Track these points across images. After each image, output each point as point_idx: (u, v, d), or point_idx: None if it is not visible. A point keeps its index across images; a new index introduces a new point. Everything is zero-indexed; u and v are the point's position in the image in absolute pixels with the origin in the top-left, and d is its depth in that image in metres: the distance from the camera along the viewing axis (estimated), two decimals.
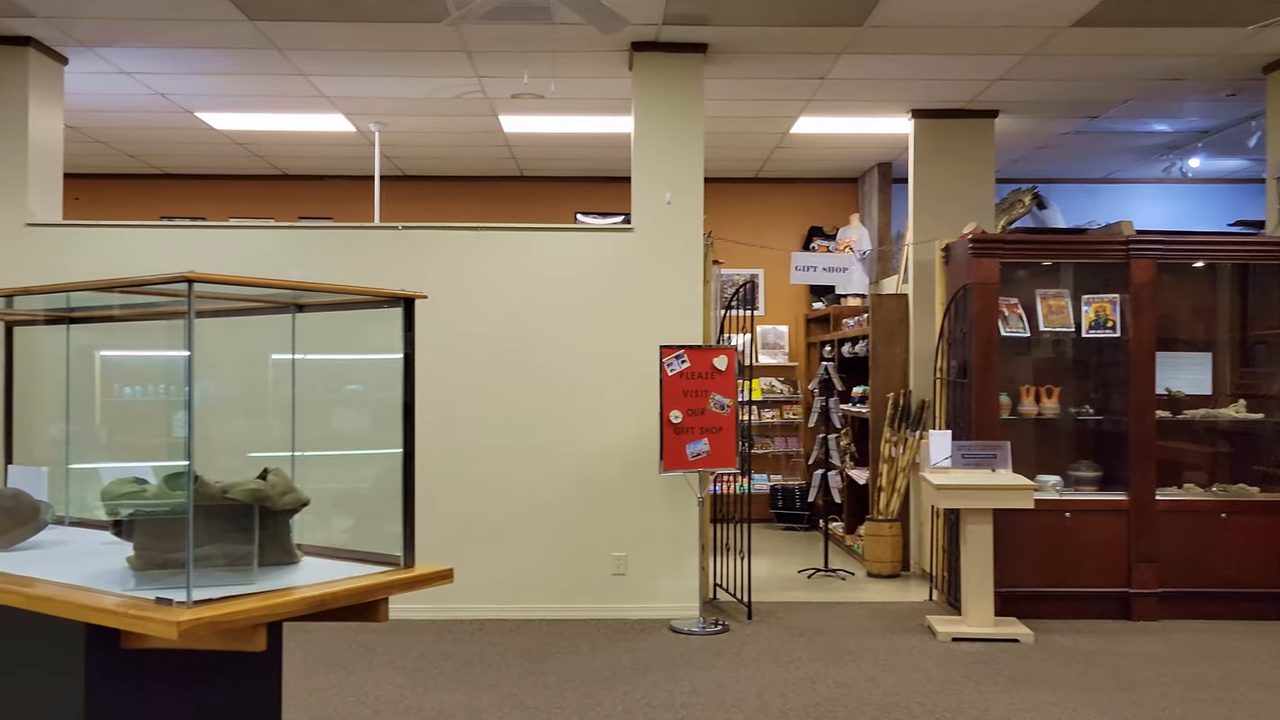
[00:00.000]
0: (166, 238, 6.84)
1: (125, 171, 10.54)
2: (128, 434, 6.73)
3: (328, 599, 2.69)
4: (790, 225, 10.86)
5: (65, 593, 2.64)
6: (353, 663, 5.54)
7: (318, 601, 2.66)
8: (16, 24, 6.36)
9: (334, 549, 3.16)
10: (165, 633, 2.37)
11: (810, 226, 10.82)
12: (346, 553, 3.13)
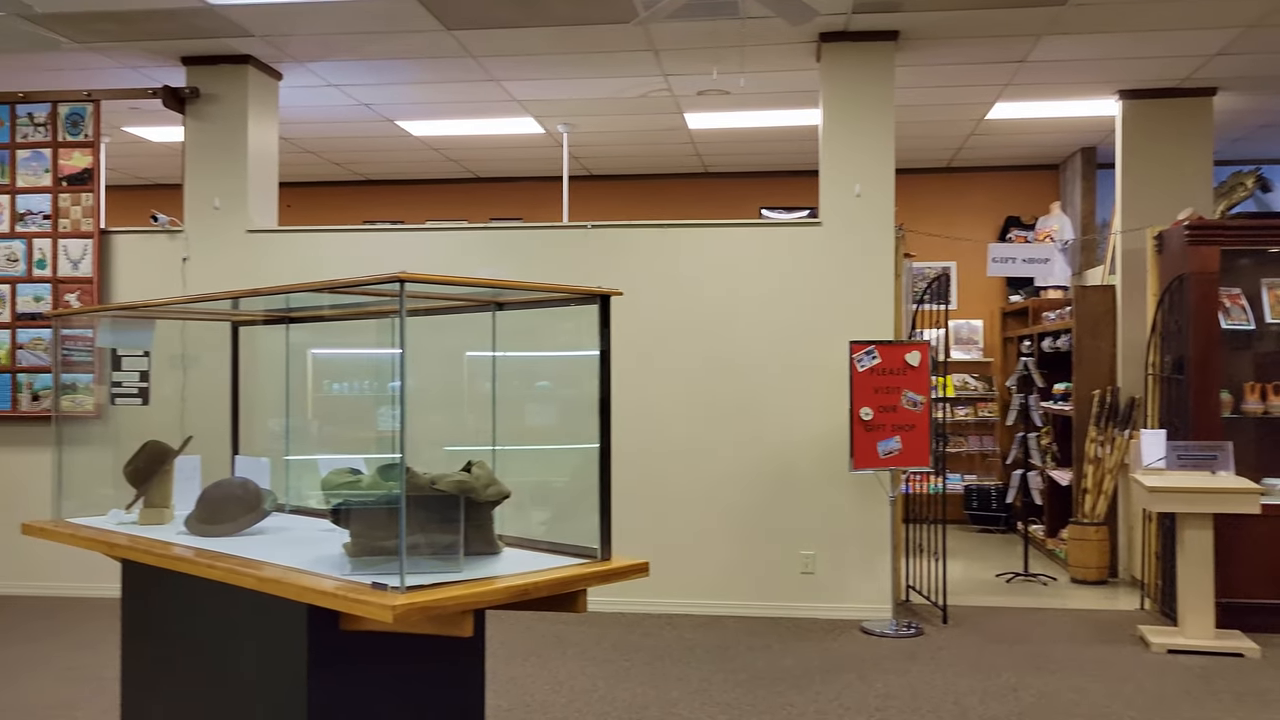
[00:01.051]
0: (369, 241, 7.18)
1: (332, 179, 11.14)
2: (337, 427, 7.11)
3: (530, 589, 2.75)
4: (985, 216, 10.47)
5: (290, 576, 2.79)
6: (547, 652, 5.67)
7: (520, 591, 2.72)
8: (236, 43, 6.80)
9: (532, 540, 3.23)
10: (381, 616, 2.47)
11: (1006, 217, 10.39)
12: (545, 544, 3.19)
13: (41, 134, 7.11)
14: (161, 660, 3.52)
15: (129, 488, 3.82)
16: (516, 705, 4.80)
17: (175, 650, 3.45)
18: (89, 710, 4.74)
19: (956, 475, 9.93)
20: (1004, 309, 10.33)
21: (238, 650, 3.14)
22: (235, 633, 3.15)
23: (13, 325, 7.12)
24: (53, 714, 4.68)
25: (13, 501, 7.07)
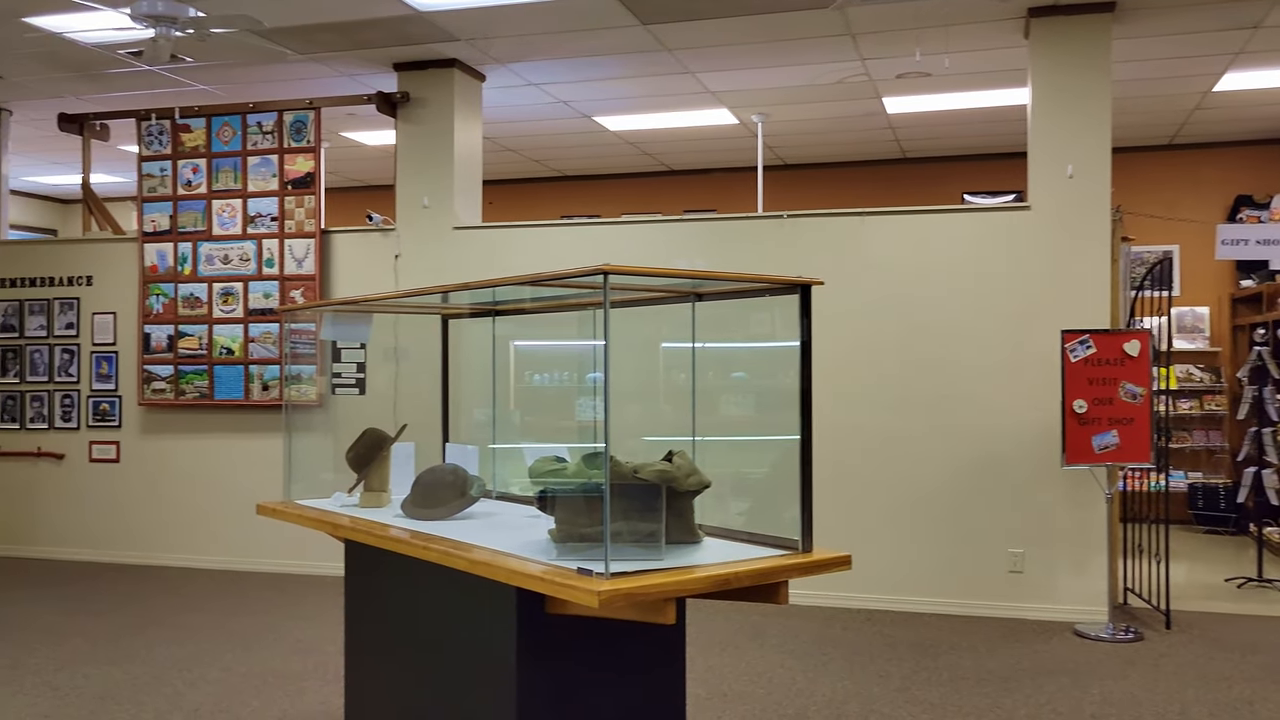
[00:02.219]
0: (566, 235, 7.34)
1: (531, 176, 11.46)
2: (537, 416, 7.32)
3: (731, 579, 2.74)
4: (1211, 195, 9.75)
5: (499, 559, 2.88)
6: (744, 644, 5.67)
7: (722, 580, 2.72)
8: (443, 48, 7.08)
9: (732, 531, 3.22)
10: (587, 601, 2.51)
11: (1236, 196, 9.65)
12: (744, 535, 3.17)
13: (269, 141, 7.62)
14: (381, 635, 3.71)
15: (350, 472, 4.04)
16: (714, 694, 4.81)
17: (393, 626, 3.63)
18: (315, 680, 5.05)
19: (1180, 472, 9.32)
20: (1234, 295, 9.61)
21: (450, 628, 3.28)
22: (448, 612, 3.29)
23: (245, 320, 7.66)
24: (283, 683, 5.01)
25: (246, 484, 7.62)
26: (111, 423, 8.05)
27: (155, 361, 7.84)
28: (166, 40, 5.30)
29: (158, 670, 5.19)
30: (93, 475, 8.09)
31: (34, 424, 8.25)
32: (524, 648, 2.93)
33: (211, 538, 7.80)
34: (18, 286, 8.31)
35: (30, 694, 4.82)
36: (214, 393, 7.71)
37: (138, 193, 7.94)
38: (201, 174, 7.75)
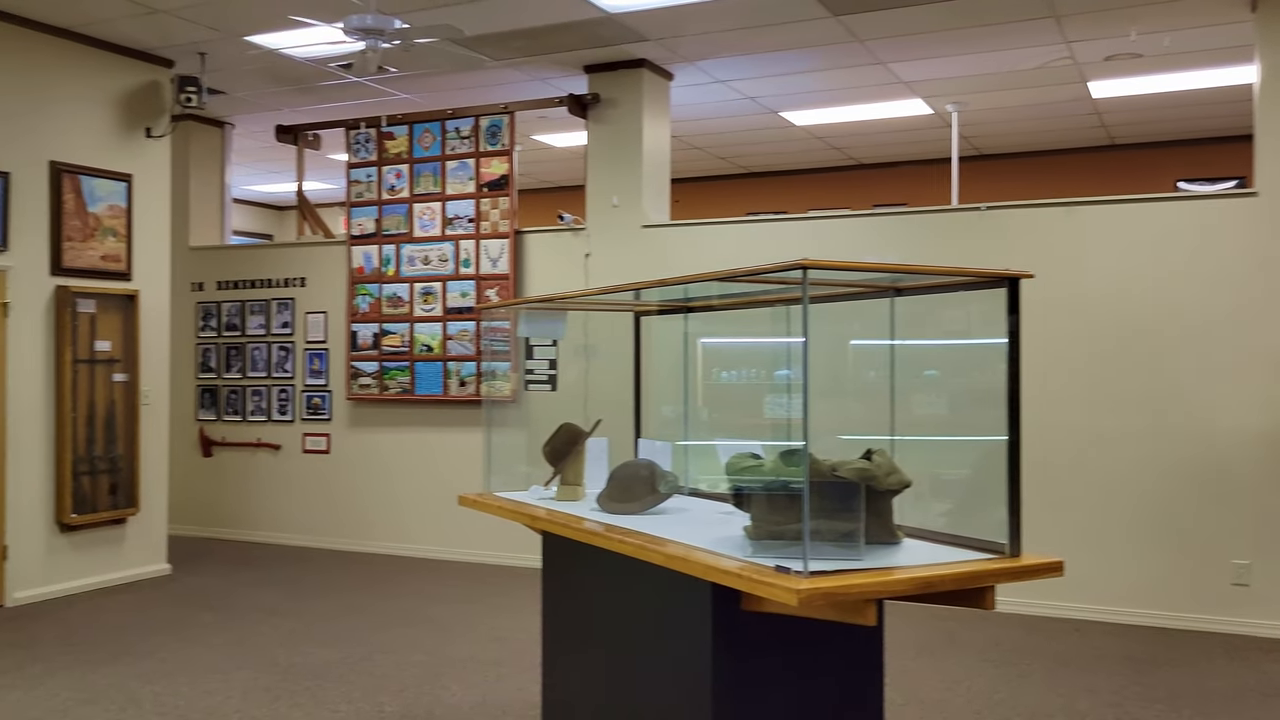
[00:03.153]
0: (753, 232, 7.30)
1: (716, 173, 11.47)
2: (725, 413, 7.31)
3: (935, 581, 2.66)
4: None
5: (694, 554, 2.89)
6: (940, 649, 5.50)
7: (925, 583, 2.64)
8: (632, 49, 7.17)
9: (933, 532, 3.12)
10: (785, 599, 2.48)
11: None
12: (946, 536, 3.07)
13: (466, 146, 7.90)
14: (577, 626, 3.78)
15: (544, 466, 4.13)
16: (910, 700, 4.69)
17: (589, 618, 3.69)
18: (512, 668, 5.20)
19: None
20: None
21: (645, 622, 3.30)
22: (642, 605, 3.32)
23: (443, 319, 7.97)
24: (482, 669, 5.19)
25: (445, 476, 7.93)
26: (323, 416, 8.53)
27: (361, 358, 8.26)
28: (374, 52, 5.56)
29: (366, 651, 5.46)
30: (306, 465, 8.60)
31: (254, 417, 8.83)
32: (719, 644, 2.93)
33: (414, 527, 8.16)
34: (240, 288, 8.91)
35: (253, 669, 5.16)
36: (415, 388, 8.06)
37: (346, 198, 8.38)
38: (404, 179, 8.11)
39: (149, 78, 7.31)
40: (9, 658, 5.33)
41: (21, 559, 6.50)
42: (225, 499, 8.92)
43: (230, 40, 6.92)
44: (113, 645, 5.57)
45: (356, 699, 4.71)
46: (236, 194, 12.34)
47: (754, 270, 2.80)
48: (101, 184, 6.97)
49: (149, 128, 7.30)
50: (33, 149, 6.57)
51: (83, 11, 6.39)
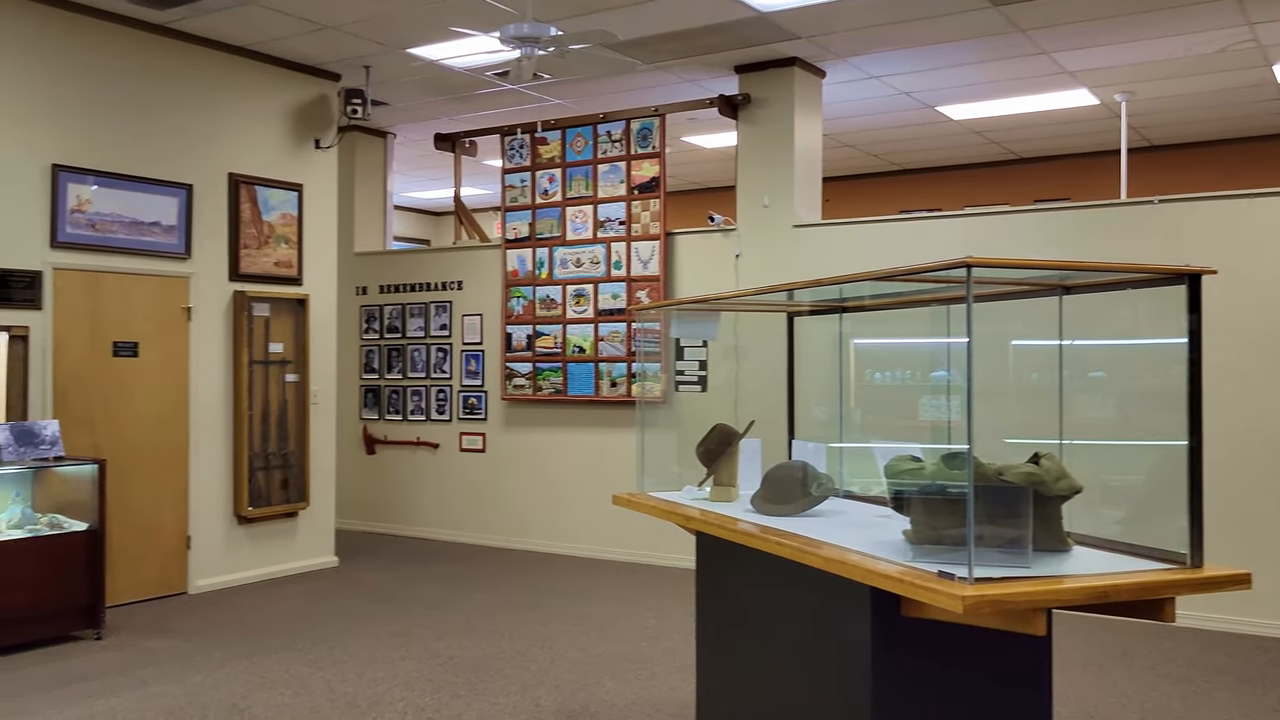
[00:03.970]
0: (907, 230, 7.14)
1: (868, 171, 11.27)
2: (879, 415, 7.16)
3: (1110, 591, 2.54)
4: None
5: (852, 557, 2.84)
6: (1110, 662, 5.26)
7: (1099, 593, 2.53)
8: (783, 47, 7.11)
9: (1106, 540, 2.99)
10: (949, 605, 2.42)
11: None
12: (1120, 545, 2.94)
13: (617, 149, 7.98)
14: (731, 627, 3.78)
15: (696, 466, 4.14)
16: (1078, 713, 4.50)
17: (743, 618, 3.68)
18: (665, 666, 5.23)
19: None
20: None
21: (801, 625, 3.27)
22: (799, 607, 3.29)
23: (595, 320, 8.08)
24: (636, 667, 5.23)
25: (597, 476, 8.04)
26: (479, 416, 8.76)
27: (516, 359, 8.45)
28: (530, 60, 5.68)
29: (522, 646, 5.58)
30: (463, 464, 8.85)
31: (413, 416, 9.13)
32: (879, 649, 2.87)
33: (567, 526, 8.29)
34: (400, 291, 9.24)
35: (416, 659, 5.34)
36: (568, 389, 8.20)
37: (501, 203, 8.59)
38: (557, 183, 8.26)
39: (318, 91, 7.65)
40: (193, 642, 5.66)
41: (203, 549, 6.90)
42: (387, 495, 9.26)
43: (393, 53, 7.18)
44: (285, 633, 5.85)
45: (514, 692, 4.82)
46: (396, 201, 12.80)
47: (916, 269, 2.74)
48: (275, 193, 7.34)
49: (318, 139, 7.64)
50: (213, 162, 6.97)
51: (258, 31, 6.74)
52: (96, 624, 5.69)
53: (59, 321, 6.14)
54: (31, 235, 6.03)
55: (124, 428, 6.47)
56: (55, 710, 4.55)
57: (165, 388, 6.71)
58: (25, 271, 5.98)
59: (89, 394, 6.28)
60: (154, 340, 6.65)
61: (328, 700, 4.70)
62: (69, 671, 5.10)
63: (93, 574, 5.67)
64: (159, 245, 6.65)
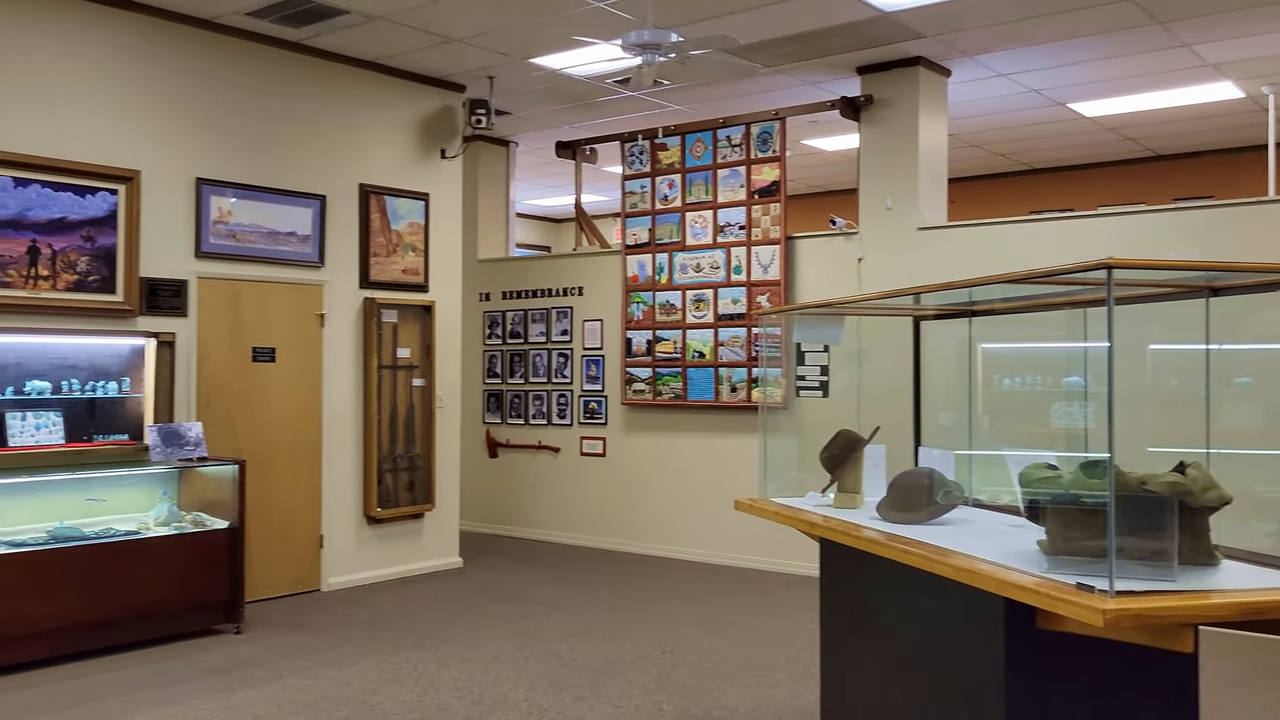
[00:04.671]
0: (1038, 231, 6.93)
1: (994, 171, 10.98)
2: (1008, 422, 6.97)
3: (1264, 608, 2.42)
4: None
5: (984, 567, 2.77)
6: (1259, 683, 5.00)
7: (1253, 609, 2.41)
8: (907, 47, 6.98)
9: (1257, 554, 2.84)
10: (1089, 619, 2.33)
11: None
12: (1274, 559, 2.79)
13: (737, 154, 7.96)
14: (856, 635, 3.72)
15: (817, 472, 4.09)
16: None
17: (869, 627, 3.62)
18: (787, 673, 5.18)
19: None
20: None
21: (929, 634, 3.20)
22: (927, 617, 3.21)
23: (715, 325, 8.07)
24: (757, 673, 5.20)
25: (717, 481, 8.02)
26: (599, 420, 8.83)
27: (636, 364, 8.50)
28: (650, 66, 5.71)
29: (643, 649, 5.60)
30: (583, 468, 8.93)
31: (535, 420, 9.26)
32: (1012, 662, 2.79)
33: (686, 531, 8.30)
34: (522, 298, 9.39)
35: (539, 660, 5.41)
36: (687, 393, 8.20)
37: (621, 209, 8.65)
38: (676, 189, 8.28)
39: (444, 103, 7.84)
40: (326, 638, 5.85)
41: (335, 548, 7.13)
42: (509, 498, 9.42)
43: (516, 64, 7.31)
44: (414, 631, 6.00)
45: (635, 695, 4.84)
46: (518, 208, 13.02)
47: (1054, 270, 2.66)
48: (403, 203, 7.55)
49: (443, 149, 7.83)
50: (344, 173, 7.20)
51: (387, 45, 6.94)
52: (236, 618, 5.93)
53: (202, 328, 6.43)
54: (178, 246, 6.33)
55: (262, 430, 6.73)
56: (199, 699, 4.76)
57: (300, 392, 6.96)
58: (172, 281, 6.28)
59: (230, 397, 6.56)
60: (289, 346, 6.91)
61: (455, 698, 4.80)
62: (211, 663, 5.33)
63: (233, 570, 5.91)
64: (294, 254, 6.90)
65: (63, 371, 5.81)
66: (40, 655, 5.21)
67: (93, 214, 5.92)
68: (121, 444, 5.96)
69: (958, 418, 4.61)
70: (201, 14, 6.32)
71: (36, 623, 5.17)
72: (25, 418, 5.64)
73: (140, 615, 5.56)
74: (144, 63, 6.19)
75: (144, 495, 6.08)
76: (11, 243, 5.62)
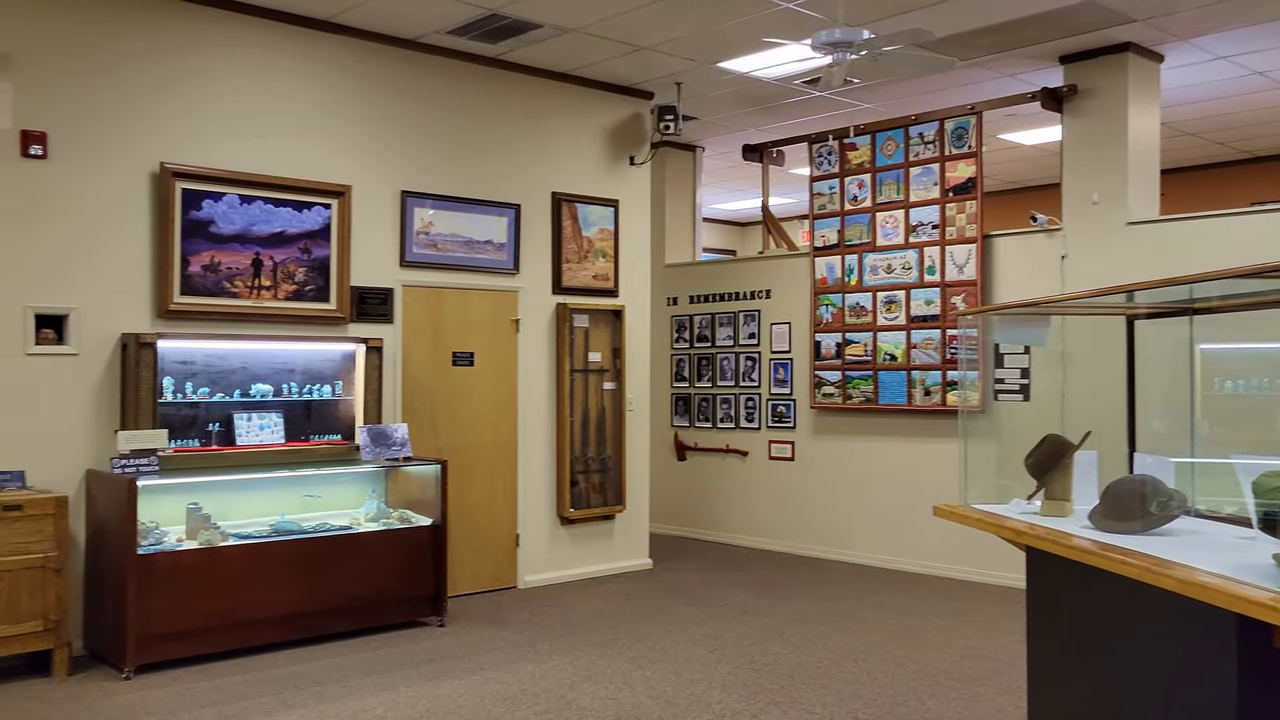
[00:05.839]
0: (1259, 223, 6.45)
1: (1212, 161, 10.29)
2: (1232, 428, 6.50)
3: None
4: None
5: (1213, 581, 2.59)
6: None
7: None
8: (1115, 33, 6.63)
9: None
10: None
11: None
12: None
13: (930, 151, 7.74)
14: (1068, 650, 3.54)
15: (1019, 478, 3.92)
16: None
17: (1082, 642, 3.44)
18: (989, 687, 4.99)
19: None
20: None
21: (1151, 653, 3.02)
22: (1148, 635, 3.03)
23: (907, 327, 7.87)
24: (956, 686, 5.03)
25: (910, 486, 7.82)
26: (787, 424, 8.76)
27: (825, 367, 8.39)
28: (841, 65, 5.63)
29: (836, 658, 5.51)
30: (771, 471, 8.88)
31: (723, 424, 9.27)
32: (1247, 684, 2.60)
33: (878, 537, 8.12)
34: (709, 302, 9.42)
35: (731, 664, 5.40)
36: (878, 397, 8.03)
37: (809, 211, 8.56)
38: (866, 189, 8.13)
39: (632, 110, 7.96)
40: (524, 634, 6.02)
41: (530, 547, 7.33)
42: (697, 501, 9.46)
43: (704, 69, 7.35)
44: (606, 630, 6.10)
45: (830, 703, 4.76)
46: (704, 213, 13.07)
47: None
48: (593, 210, 7.70)
49: (632, 156, 7.94)
50: (537, 182, 7.41)
51: (578, 56, 7.10)
52: (439, 612, 6.18)
53: (406, 334, 6.74)
54: (385, 256, 6.66)
55: (461, 431, 6.99)
56: (409, 688, 4.98)
57: (497, 395, 7.20)
58: (380, 289, 6.61)
59: (432, 400, 6.85)
60: (487, 350, 7.15)
61: (649, 698, 4.85)
62: (417, 654, 5.57)
63: (437, 566, 6.16)
64: (491, 262, 7.15)
65: (282, 375, 6.20)
66: (265, 640, 5.58)
67: (309, 227, 6.30)
68: (334, 444, 6.31)
69: (1174, 423, 4.34)
70: (406, 34, 6.64)
71: (262, 609, 5.53)
72: (250, 419, 6.05)
73: (352, 606, 5.87)
74: (354, 83, 6.55)
75: (354, 492, 6.42)
76: (238, 255, 6.04)
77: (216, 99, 6.01)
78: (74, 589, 5.42)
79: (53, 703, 4.77)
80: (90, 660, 5.41)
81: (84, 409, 5.58)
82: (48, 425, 5.46)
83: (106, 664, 5.32)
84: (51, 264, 5.49)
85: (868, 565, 8.09)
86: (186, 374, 5.85)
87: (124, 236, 5.70)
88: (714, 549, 8.88)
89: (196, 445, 5.85)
